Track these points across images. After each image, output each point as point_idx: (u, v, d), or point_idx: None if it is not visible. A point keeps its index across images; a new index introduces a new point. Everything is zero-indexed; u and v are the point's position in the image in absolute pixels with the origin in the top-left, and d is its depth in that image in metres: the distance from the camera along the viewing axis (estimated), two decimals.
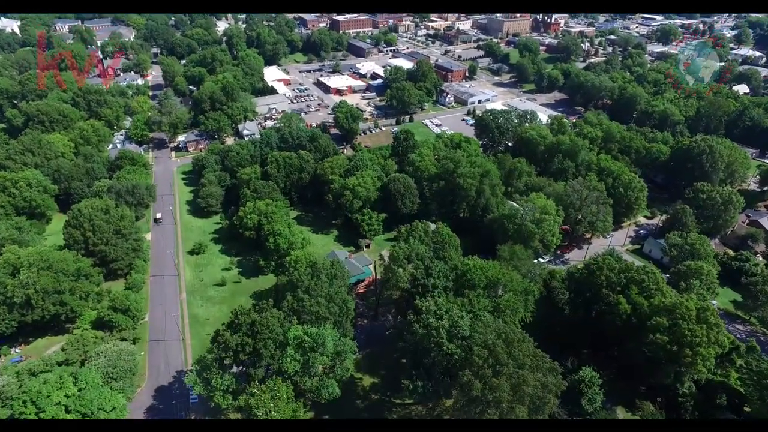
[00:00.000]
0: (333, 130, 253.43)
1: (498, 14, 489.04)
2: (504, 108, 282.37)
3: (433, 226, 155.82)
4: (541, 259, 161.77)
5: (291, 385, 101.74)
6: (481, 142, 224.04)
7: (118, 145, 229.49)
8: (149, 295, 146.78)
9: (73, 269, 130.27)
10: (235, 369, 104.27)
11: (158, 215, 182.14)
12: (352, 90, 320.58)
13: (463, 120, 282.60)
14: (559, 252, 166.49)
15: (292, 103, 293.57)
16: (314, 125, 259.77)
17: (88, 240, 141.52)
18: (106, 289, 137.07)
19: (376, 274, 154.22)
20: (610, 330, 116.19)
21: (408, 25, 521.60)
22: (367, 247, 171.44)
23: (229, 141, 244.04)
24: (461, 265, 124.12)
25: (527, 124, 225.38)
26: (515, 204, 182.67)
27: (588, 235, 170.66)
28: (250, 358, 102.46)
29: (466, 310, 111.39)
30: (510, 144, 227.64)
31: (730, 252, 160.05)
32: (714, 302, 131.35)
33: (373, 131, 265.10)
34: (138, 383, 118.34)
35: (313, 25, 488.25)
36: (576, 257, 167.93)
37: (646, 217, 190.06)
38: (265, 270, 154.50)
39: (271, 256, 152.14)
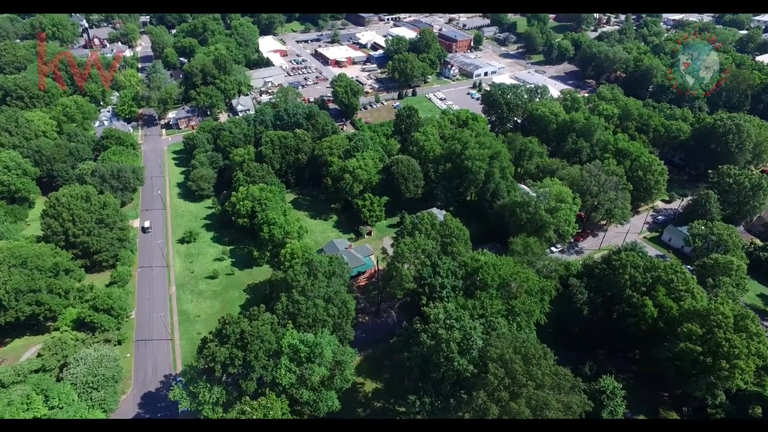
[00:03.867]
0: (332, 105, 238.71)
1: None
2: (512, 81, 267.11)
3: (440, 216, 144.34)
4: (554, 248, 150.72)
5: (286, 398, 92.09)
6: (488, 118, 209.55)
7: (105, 123, 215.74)
8: (136, 289, 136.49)
9: (51, 265, 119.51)
10: (225, 377, 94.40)
11: (146, 224, 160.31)
12: (352, 61, 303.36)
13: (469, 94, 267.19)
14: (572, 240, 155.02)
15: (289, 75, 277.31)
16: (312, 100, 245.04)
17: (67, 231, 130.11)
18: (89, 285, 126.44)
19: (378, 264, 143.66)
20: (633, 333, 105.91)
21: None
22: (369, 234, 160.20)
23: (223, 117, 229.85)
24: (471, 261, 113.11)
25: (538, 100, 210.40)
26: (526, 188, 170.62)
27: (603, 222, 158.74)
28: (241, 370, 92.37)
29: (477, 313, 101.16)
30: (519, 121, 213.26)
31: (758, 241, 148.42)
32: (742, 300, 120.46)
33: (374, 106, 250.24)
34: (123, 389, 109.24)
35: None
36: (591, 246, 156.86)
37: (663, 201, 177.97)
38: (260, 261, 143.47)
39: (266, 247, 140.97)
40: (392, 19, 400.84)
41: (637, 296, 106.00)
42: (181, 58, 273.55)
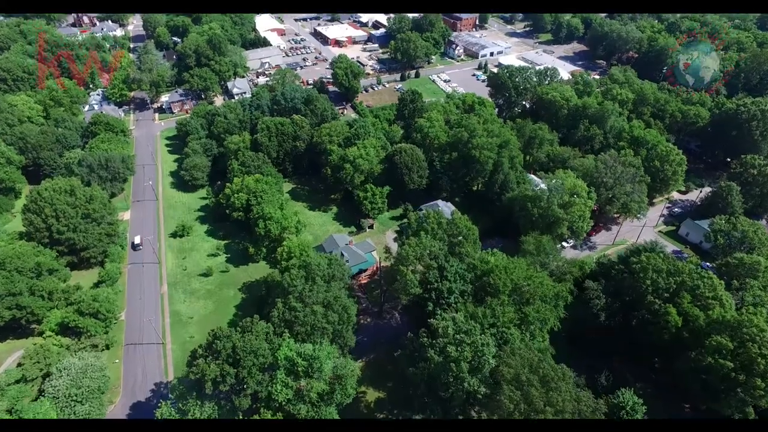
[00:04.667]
0: (331, 88, 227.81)
1: None
2: (519, 62, 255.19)
3: (446, 210, 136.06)
4: (565, 243, 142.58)
5: (282, 415, 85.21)
6: (495, 101, 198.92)
7: (95, 107, 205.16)
8: (126, 288, 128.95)
9: (32, 265, 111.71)
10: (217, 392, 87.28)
11: (137, 239, 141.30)
12: (353, 41, 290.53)
13: (474, 75, 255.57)
14: (585, 235, 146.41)
15: (287, 56, 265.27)
16: (310, 82, 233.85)
17: (51, 227, 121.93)
18: (74, 286, 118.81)
19: (380, 261, 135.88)
20: (654, 342, 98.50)
21: None
22: (370, 227, 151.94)
23: (218, 101, 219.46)
24: (481, 264, 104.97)
25: (547, 83, 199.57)
26: (536, 178, 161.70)
27: (617, 215, 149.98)
28: (234, 387, 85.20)
29: (488, 323, 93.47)
30: (527, 105, 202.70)
31: None
32: None
33: (376, 88, 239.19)
34: (111, 398, 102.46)
35: None
36: (604, 240, 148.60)
37: (679, 191, 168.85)
38: (256, 257, 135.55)
39: (262, 243, 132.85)
40: None
41: (660, 303, 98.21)
42: (174, 38, 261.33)
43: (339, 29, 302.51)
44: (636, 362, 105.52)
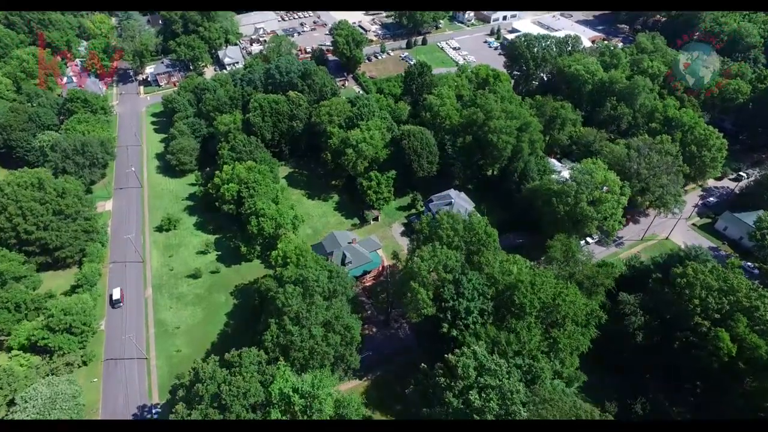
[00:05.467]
0: (331, 57, 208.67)
1: None
2: (535, 26, 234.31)
3: (461, 205, 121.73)
4: (589, 239, 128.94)
5: None
6: (509, 72, 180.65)
7: (74, 79, 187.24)
8: (107, 292, 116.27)
9: None
10: None
11: (116, 293, 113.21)
12: None
13: (486, 42, 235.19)
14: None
15: (283, 21, 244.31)
16: (309, 50, 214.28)
17: (17, 227, 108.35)
18: (46, 294, 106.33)
19: (386, 260, 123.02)
20: (700, 368, 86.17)
21: None
22: (375, 219, 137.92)
23: (209, 72, 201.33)
24: (503, 277, 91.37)
25: (569, 53, 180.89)
26: (557, 163, 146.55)
27: (648, 206, 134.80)
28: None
29: (513, 350, 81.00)
30: (545, 77, 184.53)
31: None
32: None
33: (380, 57, 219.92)
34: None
35: None
36: (632, 235, 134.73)
37: (714, 177, 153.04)
38: (249, 256, 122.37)
39: (255, 241, 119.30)
40: None
41: (708, 325, 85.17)
42: None
43: None
44: (675, 387, 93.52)
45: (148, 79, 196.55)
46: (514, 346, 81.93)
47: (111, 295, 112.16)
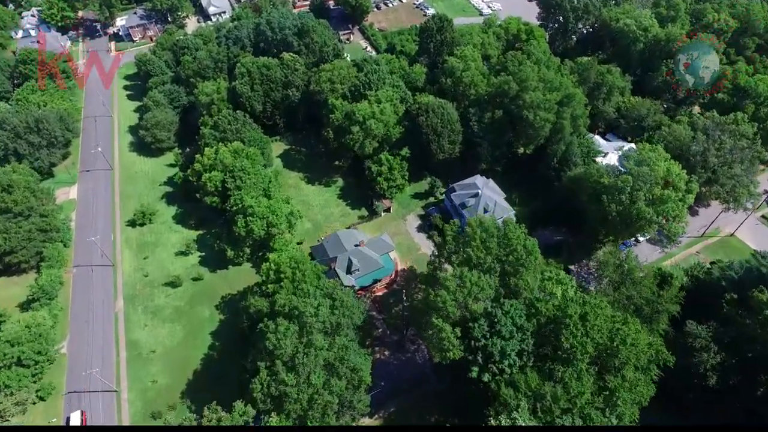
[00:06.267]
0: (333, 5, 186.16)
1: None
2: None
3: (491, 198, 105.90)
4: (640, 237, 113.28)
5: None
6: (541, 24, 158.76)
7: (32, 32, 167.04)
8: (70, 304, 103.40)
9: None
10: None
11: (74, 417, 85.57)
12: None
13: None
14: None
15: None
16: None
17: None
18: None
19: (400, 263, 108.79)
20: None
21: None
22: (387, 210, 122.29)
23: (191, 25, 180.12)
24: (545, 306, 76.70)
25: (615, 3, 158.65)
26: (601, 141, 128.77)
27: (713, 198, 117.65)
28: None
29: (561, 407, 67.34)
30: (584, 31, 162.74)
31: None
32: None
33: (391, 5, 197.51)
34: None
35: None
36: (690, 230, 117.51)
37: None
38: (237, 260, 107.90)
39: (244, 243, 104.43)
40: None
41: None
42: None
43: None
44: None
45: (120, 33, 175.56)
46: (563, 402, 68.16)
47: (68, 419, 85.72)
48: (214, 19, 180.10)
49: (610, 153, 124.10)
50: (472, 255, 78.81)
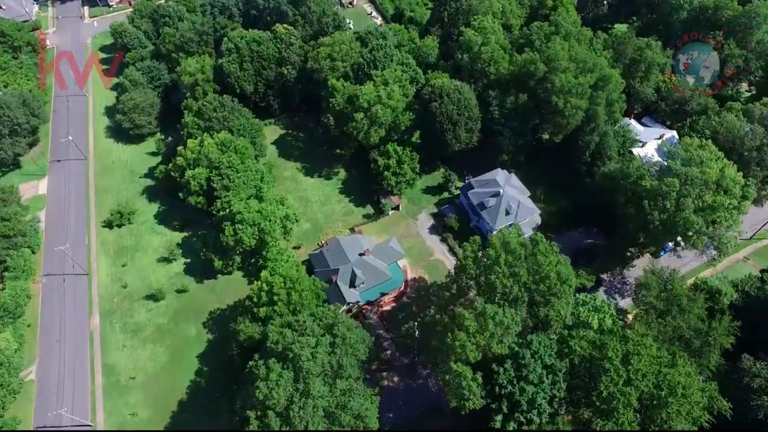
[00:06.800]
0: None
1: None
2: None
3: (513, 196, 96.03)
4: (681, 243, 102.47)
5: None
6: None
7: None
8: (39, 321, 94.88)
9: None
10: None
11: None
12: None
13: None
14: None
15: None
16: None
17: None
18: None
19: (409, 272, 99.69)
20: None
21: None
22: (396, 208, 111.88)
23: None
24: (583, 347, 67.53)
25: None
26: (637, 125, 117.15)
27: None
28: None
29: None
30: None
31: None
32: None
33: None
34: None
35: None
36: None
37: None
38: (226, 270, 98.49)
39: (232, 253, 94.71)
40: None
41: None
42: None
43: None
44: None
45: None
46: None
47: None
48: None
49: (648, 144, 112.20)
50: (497, 284, 68.83)
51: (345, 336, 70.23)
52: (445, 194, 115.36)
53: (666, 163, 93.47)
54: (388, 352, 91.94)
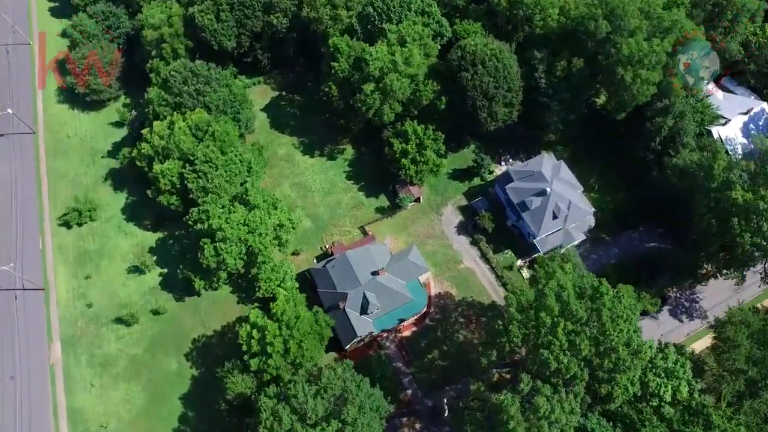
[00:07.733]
0: None
1: None
2: None
3: (565, 203, 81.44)
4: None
5: None
6: None
7: None
8: None
9: None
10: None
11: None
12: None
13: None
14: None
15: None
16: None
17: None
18: None
19: (433, 287, 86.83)
20: None
21: None
22: (417, 201, 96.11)
23: None
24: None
25: None
26: (718, 96, 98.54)
27: None
28: None
29: None
30: None
31: None
32: None
33: None
34: None
35: None
36: None
37: None
38: (210, 287, 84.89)
39: (214, 273, 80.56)
40: None
41: None
42: None
43: None
44: None
45: None
46: None
47: None
48: None
49: (732, 119, 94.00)
50: (551, 359, 55.16)
51: (356, 420, 57.79)
52: (477, 181, 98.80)
53: (760, 156, 76.78)
54: (408, 391, 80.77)
